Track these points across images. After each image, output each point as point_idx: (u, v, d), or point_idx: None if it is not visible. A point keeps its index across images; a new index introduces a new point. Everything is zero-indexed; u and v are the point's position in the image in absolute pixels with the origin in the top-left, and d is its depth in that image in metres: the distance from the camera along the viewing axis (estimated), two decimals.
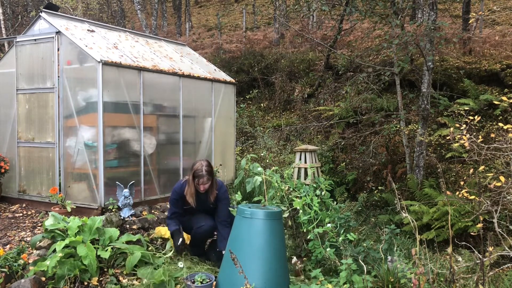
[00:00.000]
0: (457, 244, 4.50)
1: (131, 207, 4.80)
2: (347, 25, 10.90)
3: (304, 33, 12.02)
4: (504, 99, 3.81)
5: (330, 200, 4.32)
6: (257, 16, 17.40)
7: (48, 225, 3.79)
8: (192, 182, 4.03)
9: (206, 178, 3.98)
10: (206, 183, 4.02)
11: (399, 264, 3.41)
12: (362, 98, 8.86)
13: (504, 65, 8.71)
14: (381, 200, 7.02)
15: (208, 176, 3.98)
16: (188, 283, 3.40)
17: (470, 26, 10.18)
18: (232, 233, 3.46)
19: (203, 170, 3.97)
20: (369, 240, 4.93)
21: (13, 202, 5.51)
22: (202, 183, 3.99)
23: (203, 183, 4.00)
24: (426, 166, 7.04)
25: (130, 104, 5.14)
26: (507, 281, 3.69)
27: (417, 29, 7.25)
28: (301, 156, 6.09)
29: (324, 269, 3.85)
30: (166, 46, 6.81)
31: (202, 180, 3.98)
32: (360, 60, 8.52)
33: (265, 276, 3.18)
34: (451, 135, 3.55)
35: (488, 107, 7.71)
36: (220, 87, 6.67)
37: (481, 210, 3.35)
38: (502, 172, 4.31)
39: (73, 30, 5.20)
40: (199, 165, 4.01)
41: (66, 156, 5.05)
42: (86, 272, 3.54)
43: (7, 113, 5.59)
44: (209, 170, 4.01)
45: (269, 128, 9.90)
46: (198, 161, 4.07)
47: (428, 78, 6.80)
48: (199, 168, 3.98)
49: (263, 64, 11.71)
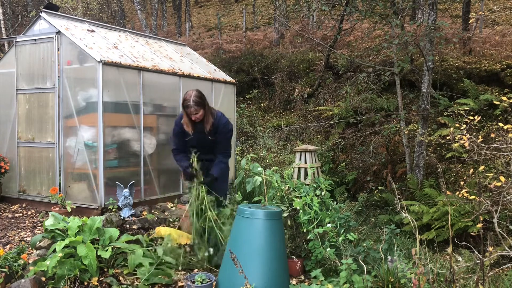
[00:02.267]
0: (457, 244, 4.50)
1: (131, 207, 4.80)
2: (347, 25, 10.89)
3: (304, 33, 12.02)
4: (504, 99, 3.81)
5: (330, 200, 4.31)
6: (257, 16, 17.40)
7: (48, 225, 3.79)
8: (184, 112, 3.98)
9: (194, 108, 3.88)
10: (196, 113, 3.92)
11: (399, 264, 3.41)
12: (362, 98, 8.87)
13: (504, 65, 8.71)
14: (381, 200, 7.02)
15: (196, 106, 3.88)
16: (188, 283, 3.40)
17: (470, 26, 10.19)
18: (232, 233, 3.45)
19: (190, 100, 3.87)
20: (369, 240, 4.93)
21: (13, 202, 5.51)
22: (191, 113, 3.91)
23: (192, 113, 3.91)
24: (426, 166, 7.05)
25: (130, 104, 5.14)
26: (507, 281, 3.69)
27: (417, 29, 7.26)
28: (301, 156, 6.09)
29: (324, 269, 3.85)
30: (166, 46, 6.81)
31: (190, 110, 3.89)
32: (360, 60, 8.53)
33: (265, 276, 3.18)
34: (451, 135, 3.55)
35: (488, 107, 7.71)
36: (220, 87, 6.67)
37: (481, 210, 3.35)
38: (502, 172, 4.31)
39: (73, 30, 5.20)
40: (187, 95, 3.92)
41: (66, 156, 5.05)
42: (86, 272, 3.54)
43: (7, 113, 5.59)
44: (197, 100, 3.89)
45: (269, 128, 9.90)
46: (189, 91, 3.98)
47: (428, 78, 6.80)
48: (187, 99, 3.90)
49: (263, 64, 11.71)
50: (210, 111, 4.04)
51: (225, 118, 4.18)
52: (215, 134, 4.13)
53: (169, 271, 3.74)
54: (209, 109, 4.04)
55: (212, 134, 4.12)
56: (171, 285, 3.69)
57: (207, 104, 4.02)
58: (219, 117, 4.13)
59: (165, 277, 3.69)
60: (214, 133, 4.12)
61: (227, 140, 4.25)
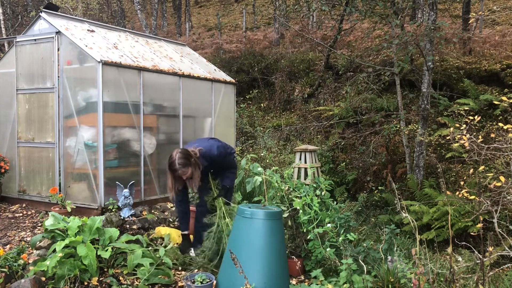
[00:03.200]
0: (457, 244, 4.50)
1: (131, 207, 4.80)
2: (347, 25, 10.89)
3: (304, 33, 12.02)
4: (504, 99, 3.81)
5: (330, 200, 4.31)
6: (257, 16, 17.40)
7: (48, 225, 3.79)
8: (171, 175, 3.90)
9: (181, 171, 3.82)
10: (185, 174, 3.86)
11: (399, 264, 3.41)
12: (362, 98, 8.87)
13: (504, 65, 8.71)
14: (381, 200, 7.02)
15: (183, 168, 3.81)
16: (188, 283, 3.40)
17: (470, 26, 10.19)
18: (232, 233, 3.45)
19: (176, 164, 3.80)
20: (369, 240, 4.93)
21: (13, 202, 5.51)
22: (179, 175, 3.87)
23: (181, 175, 3.87)
24: (426, 166, 7.05)
25: (130, 104, 5.14)
26: (507, 281, 3.69)
27: (417, 29, 7.25)
28: (301, 156, 6.09)
29: (324, 269, 3.85)
30: (166, 46, 6.81)
31: (178, 173, 3.85)
32: (360, 60, 8.53)
33: (265, 276, 3.18)
34: (451, 135, 3.55)
35: (488, 107, 7.71)
36: (220, 87, 6.67)
37: (481, 210, 3.35)
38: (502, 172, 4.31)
39: (73, 30, 5.20)
40: (171, 158, 3.85)
41: (66, 156, 5.05)
42: (86, 272, 3.54)
43: (7, 113, 5.59)
44: (183, 162, 3.80)
45: (269, 128, 9.90)
46: (172, 153, 3.89)
47: (428, 78, 6.80)
48: (173, 162, 3.82)
49: (263, 64, 11.71)
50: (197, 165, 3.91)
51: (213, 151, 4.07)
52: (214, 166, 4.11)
53: (168, 271, 3.74)
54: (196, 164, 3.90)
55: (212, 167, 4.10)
56: (171, 285, 3.69)
57: (193, 161, 3.88)
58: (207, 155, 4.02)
59: (165, 277, 3.69)
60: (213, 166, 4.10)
61: (227, 161, 4.22)
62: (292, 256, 4.08)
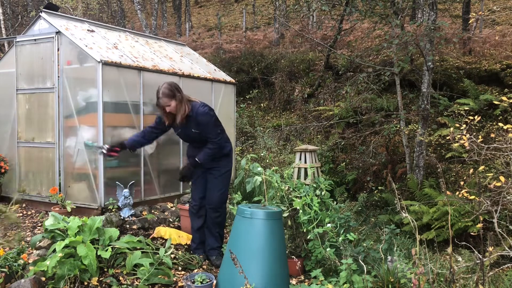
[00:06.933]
0: (457, 244, 4.50)
1: (131, 207, 4.80)
2: (347, 25, 10.89)
3: (304, 33, 12.01)
4: (504, 99, 3.81)
5: (330, 200, 4.31)
6: (257, 16, 17.40)
7: (48, 225, 3.78)
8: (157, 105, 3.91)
9: (163, 100, 3.79)
10: (167, 105, 3.82)
11: (399, 264, 3.41)
12: (362, 98, 8.87)
13: (504, 65, 8.71)
14: (381, 200, 7.02)
15: (165, 98, 3.77)
16: (188, 283, 3.40)
17: (470, 26, 10.19)
18: (232, 233, 3.45)
19: (160, 92, 3.78)
20: (369, 240, 4.93)
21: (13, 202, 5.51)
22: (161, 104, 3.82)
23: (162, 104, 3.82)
24: (426, 166, 7.04)
25: (130, 104, 5.14)
26: (507, 281, 3.69)
27: (417, 29, 7.25)
28: (301, 156, 6.09)
29: (324, 269, 3.85)
30: (166, 46, 6.81)
31: (159, 102, 3.81)
32: (360, 60, 8.52)
33: (265, 276, 3.18)
34: (451, 135, 3.55)
35: (488, 107, 7.71)
36: (220, 87, 6.67)
37: (481, 210, 3.35)
38: (502, 172, 4.30)
39: (73, 30, 5.20)
40: (158, 87, 3.84)
41: (66, 156, 5.05)
42: (86, 272, 3.54)
43: (7, 113, 5.59)
44: (166, 92, 3.77)
45: (269, 128, 9.90)
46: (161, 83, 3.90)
47: (428, 78, 6.80)
48: (158, 90, 3.81)
49: (263, 64, 11.71)
50: (184, 103, 3.87)
51: (204, 107, 3.97)
52: (197, 126, 3.96)
53: (168, 271, 3.74)
54: (183, 101, 3.86)
55: (194, 126, 3.96)
56: (171, 285, 3.69)
57: (179, 95, 3.85)
58: (197, 107, 3.93)
59: (165, 277, 3.69)
60: (196, 125, 3.96)
61: (211, 126, 3.99)
62: (292, 256, 4.08)
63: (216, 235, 4.26)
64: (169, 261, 3.80)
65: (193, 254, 4.25)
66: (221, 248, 4.31)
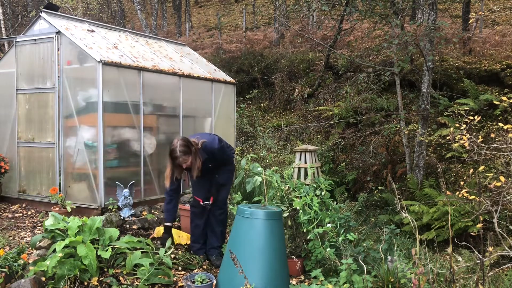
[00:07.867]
0: (457, 244, 4.51)
1: (131, 207, 4.80)
2: (347, 25, 10.89)
3: (304, 33, 12.01)
4: (504, 99, 3.81)
5: (330, 200, 4.32)
6: (257, 16, 17.40)
7: (48, 225, 3.79)
8: (171, 163, 3.91)
9: (182, 158, 3.82)
10: (185, 162, 3.86)
11: (399, 264, 3.41)
12: (362, 98, 8.87)
13: (504, 65, 8.71)
14: (381, 200, 7.02)
15: (184, 156, 3.81)
16: (188, 283, 3.40)
17: (470, 26, 10.18)
18: (232, 233, 3.46)
19: (177, 151, 3.80)
20: (369, 240, 4.94)
21: (13, 202, 5.51)
22: (180, 163, 3.86)
23: (181, 163, 3.86)
24: (426, 166, 7.04)
25: (130, 104, 5.14)
26: (507, 281, 3.69)
27: (417, 29, 7.26)
28: (301, 156, 6.09)
29: (324, 269, 3.85)
30: (166, 46, 6.81)
31: (179, 161, 3.84)
32: (360, 60, 8.52)
33: (265, 276, 3.18)
34: (451, 135, 3.55)
35: (488, 107, 7.70)
36: (220, 87, 6.67)
37: (481, 210, 3.35)
38: (502, 172, 4.31)
39: (73, 30, 5.20)
40: (173, 145, 3.85)
41: (66, 156, 5.05)
42: (86, 272, 3.54)
43: (7, 113, 5.59)
44: (184, 150, 3.80)
45: (269, 128, 9.90)
46: (174, 141, 3.91)
47: (428, 78, 6.80)
48: (174, 149, 3.82)
49: (263, 64, 11.71)
50: (198, 155, 3.93)
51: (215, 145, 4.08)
52: (214, 161, 4.12)
53: (168, 271, 3.74)
54: (197, 154, 3.93)
55: (210, 162, 4.09)
56: (171, 285, 3.69)
57: (194, 149, 3.90)
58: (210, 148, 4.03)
59: (165, 277, 3.69)
60: (213, 160, 4.10)
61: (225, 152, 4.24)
62: (292, 256, 4.08)
63: (218, 233, 4.32)
64: (169, 261, 3.80)
65: (195, 255, 4.25)
66: (221, 247, 4.32)
